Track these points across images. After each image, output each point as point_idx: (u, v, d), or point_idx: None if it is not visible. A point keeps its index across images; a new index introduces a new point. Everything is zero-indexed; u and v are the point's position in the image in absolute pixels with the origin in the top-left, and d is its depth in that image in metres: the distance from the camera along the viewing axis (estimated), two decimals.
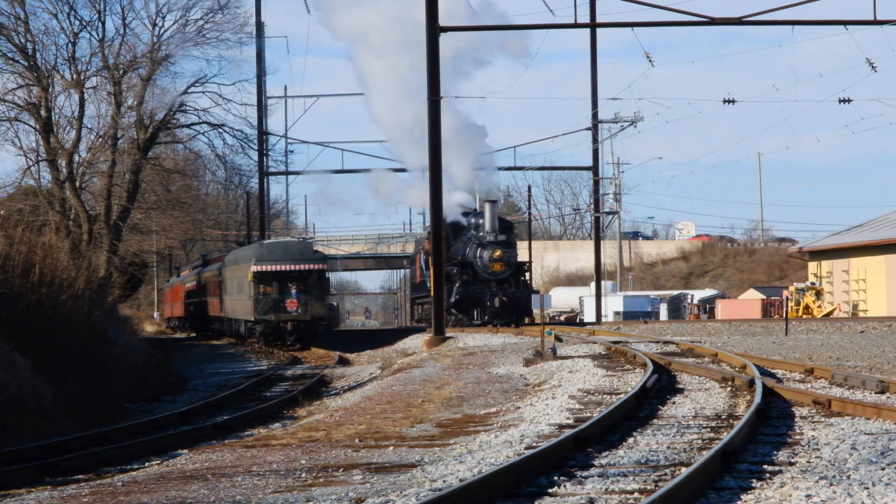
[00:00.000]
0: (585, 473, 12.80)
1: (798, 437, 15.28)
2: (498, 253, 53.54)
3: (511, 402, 21.60)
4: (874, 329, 44.08)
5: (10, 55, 52.50)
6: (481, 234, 54.25)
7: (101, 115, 55.88)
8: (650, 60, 54.49)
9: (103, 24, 54.91)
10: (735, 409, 18.44)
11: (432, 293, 48.92)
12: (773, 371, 24.63)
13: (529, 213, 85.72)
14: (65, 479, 17.16)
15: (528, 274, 55.95)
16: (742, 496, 11.53)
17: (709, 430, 16.13)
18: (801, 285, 70.98)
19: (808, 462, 13.25)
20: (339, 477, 13.82)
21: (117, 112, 54.22)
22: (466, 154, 55.19)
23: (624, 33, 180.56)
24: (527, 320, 54.78)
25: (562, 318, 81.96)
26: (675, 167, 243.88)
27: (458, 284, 53.44)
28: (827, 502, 10.97)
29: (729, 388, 21.29)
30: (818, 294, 69.48)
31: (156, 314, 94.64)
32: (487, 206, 54.44)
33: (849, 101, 53.84)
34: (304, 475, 14.11)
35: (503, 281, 53.70)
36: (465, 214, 56.67)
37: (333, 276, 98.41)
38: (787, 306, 59.28)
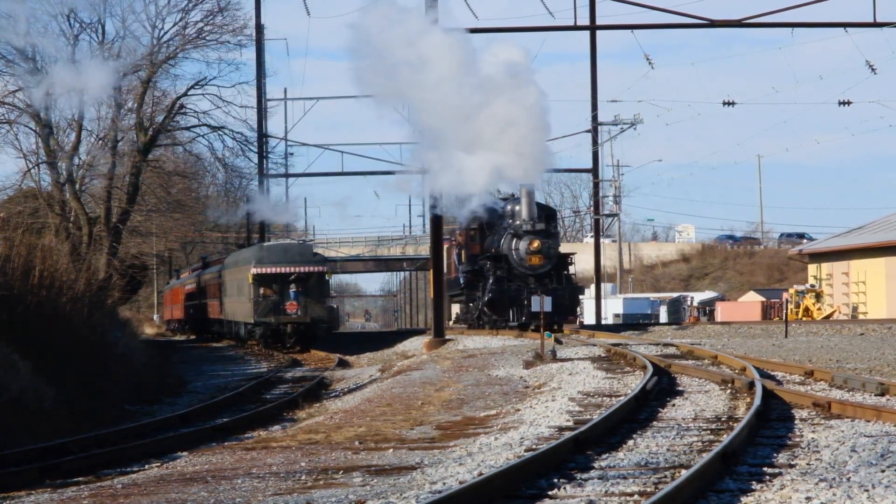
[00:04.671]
0: (585, 475, 12.79)
1: (798, 439, 15.28)
2: (536, 244, 47.36)
3: (511, 404, 21.60)
4: (874, 331, 44.03)
5: (10, 58, 52.57)
6: (517, 222, 47.96)
7: (101, 117, 55.98)
8: (650, 62, 54.55)
9: (103, 26, 55.03)
10: (735, 411, 18.44)
11: (432, 294, 48.72)
12: (772, 373, 24.63)
13: None
14: (64, 481, 17.17)
15: (571, 267, 49.43)
16: (742, 498, 11.53)
17: (709, 432, 16.13)
18: (801, 287, 70.96)
19: (807, 464, 13.25)
20: (338, 479, 13.83)
21: (117, 114, 54.26)
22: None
23: (624, 35, 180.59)
24: (579, 322, 50.76)
25: None
26: (674, 169, 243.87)
27: (491, 281, 47.89)
28: None
29: (729, 391, 21.28)
30: (818, 296, 69.47)
31: (156, 316, 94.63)
32: (524, 192, 47.92)
33: (848, 103, 53.91)
34: (303, 477, 14.11)
35: (543, 276, 47.37)
36: (503, 200, 50.54)
37: (333, 279, 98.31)
38: (786, 308, 59.24)
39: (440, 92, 40.43)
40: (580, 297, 50.24)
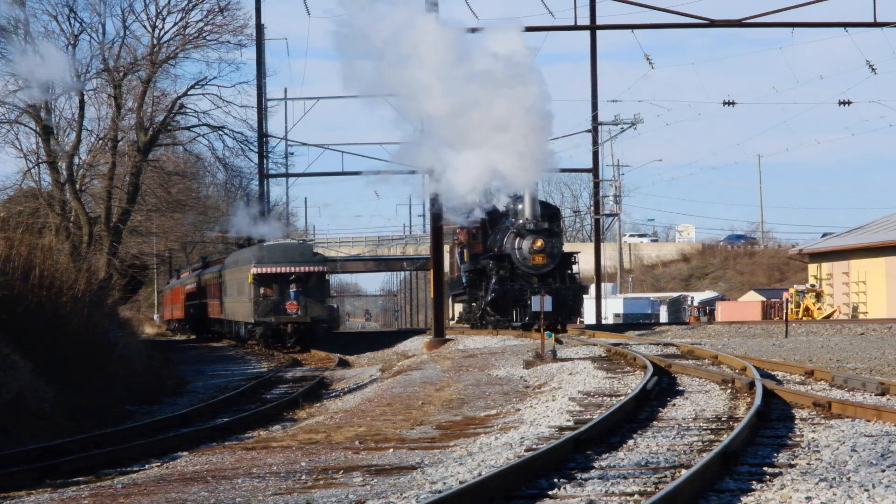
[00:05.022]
0: (585, 475, 12.79)
1: (798, 439, 15.28)
2: (539, 243, 46.62)
3: (511, 404, 21.59)
4: (874, 331, 44.02)
5: (10, 57, 52.56)
6: (520, 221, 47.27)
7: (102, 117, 56.03)
8: (650, 62, 54.58)
9: (103, 26, 55.03)
10: (735, 411, 18.44)
11: (432, 294, 48.62)
12: (773, 373, 24.62)
13: None
14: (65, 482, 17.17)
15: (575, 266, 48.61)
16: (742, 498, 11.53)
17: (709, 432, 16.13)
18: (801, 287, 70.95)
19: (808, 464, 13.25)
20: (339, 479, 13.82)
21: (117, 114, 54.27)
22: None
23: (624, 35, 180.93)
24: (579, 322, 48.69)
25: None
26: (675, 169, 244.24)
27: (494, 281, 47.13)
28: None
29: (729, 390, 21.28)
30: (818, 296, 69.47)
31: (156, 316, 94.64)
32: (527, 190, 46.94)
33: (849, 103, 53.95)
34: (304, 477, 14.11)
35: (546, 275, 46.79)
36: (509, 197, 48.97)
37: (333, 278, 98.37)
38: (787, 308, 59.22)
39: (433, 87, 39.99)
40: (584, 296, 49.53)
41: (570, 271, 47.95)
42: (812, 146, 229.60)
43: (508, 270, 47.15)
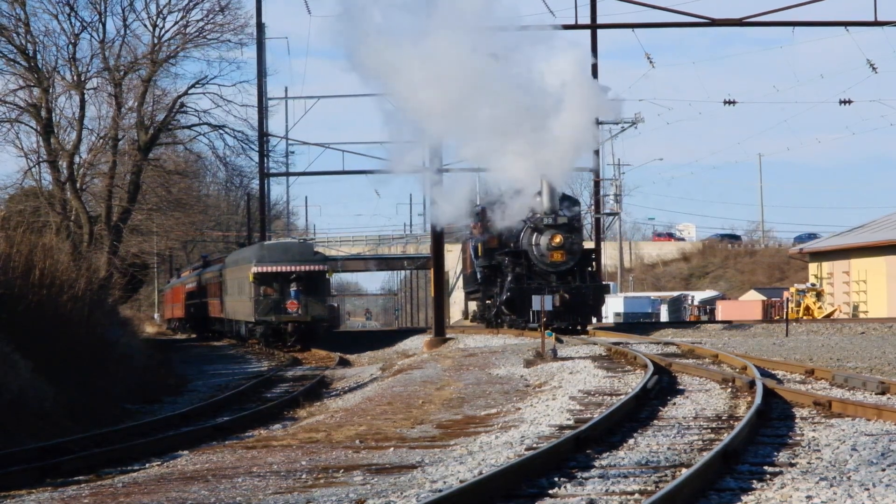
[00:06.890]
0: (586, 474, 12.79)
1: (798, 438, 15.28)
2: (558, 239, 43.55)
3: (511, 403, 21.58)
4: (875, 330, 44.02)
5: (10, 56, 52.62)
6: (538, 215, 44.08)
7: (102, 116, 56.10)
8: (651, 61, 54.63)
9: (104, 25, 55.08)
10: (735, 410, 18.44)
11: (433, 294, 48.57)
12: (773, 372, 24.60)
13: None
14: (65, 481, 17.17)
15: (595, 264, 46.17)
16: (743, 497, 11.53)
17: (709, 431, 16.12)
18: (802, 286, 70.94)
19: (808, 463, 13.25)
20: (339, 478, 13.82)
21: (118, 113, 54.30)
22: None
23: (624, 34, 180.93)
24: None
25: None
26: (675, 168, 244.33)
27: (509, 278, 44.35)
28: (827, 503, 10.98)
29: (729, 390, 21.27)
30: (818, 295, 69.45)
31: (156, 315, 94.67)
32: (545, 182, 43.57)
33: (849, 102, 54.00)
34: (304, 476, 14.11)
35: (565, 273, 43.85)
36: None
37: (334, 277, 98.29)
38: (787, 307, 59.23)
39: (432, 70, 39.47)
40: (605, 296, 47.32)
41: (590, 269, 45.26)
42: (813, 145, 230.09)
43: (525, 268, 44.21)
